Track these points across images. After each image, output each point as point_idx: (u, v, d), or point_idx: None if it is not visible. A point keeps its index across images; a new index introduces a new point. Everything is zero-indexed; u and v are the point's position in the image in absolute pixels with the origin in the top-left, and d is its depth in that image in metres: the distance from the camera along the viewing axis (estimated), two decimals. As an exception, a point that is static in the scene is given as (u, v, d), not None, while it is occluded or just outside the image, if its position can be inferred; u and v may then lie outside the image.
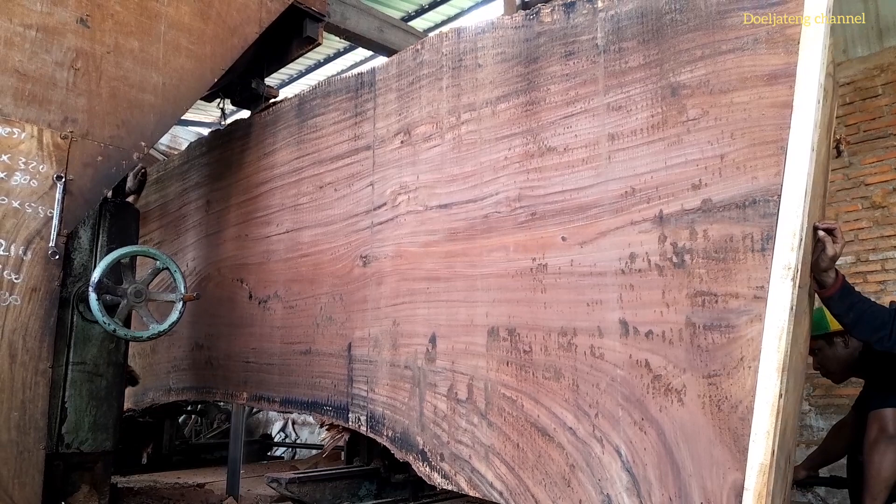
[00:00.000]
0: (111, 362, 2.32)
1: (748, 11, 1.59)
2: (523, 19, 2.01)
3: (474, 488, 1.91)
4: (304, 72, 10.26)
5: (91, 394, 2.25)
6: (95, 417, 2.25)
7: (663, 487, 1.57)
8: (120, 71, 2.22)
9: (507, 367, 1.90)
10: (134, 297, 2.25)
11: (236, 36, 2.50)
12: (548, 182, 1.89)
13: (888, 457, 2.03)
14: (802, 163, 1.49)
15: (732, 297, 1.54)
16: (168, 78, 2.31)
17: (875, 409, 2.11)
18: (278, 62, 3.12)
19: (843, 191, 6.02)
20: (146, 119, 2.25)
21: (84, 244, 2.32)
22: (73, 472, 2.24)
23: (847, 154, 6.06)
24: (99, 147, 2.16)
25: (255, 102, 3.12)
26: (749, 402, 1.48)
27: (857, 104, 6.02)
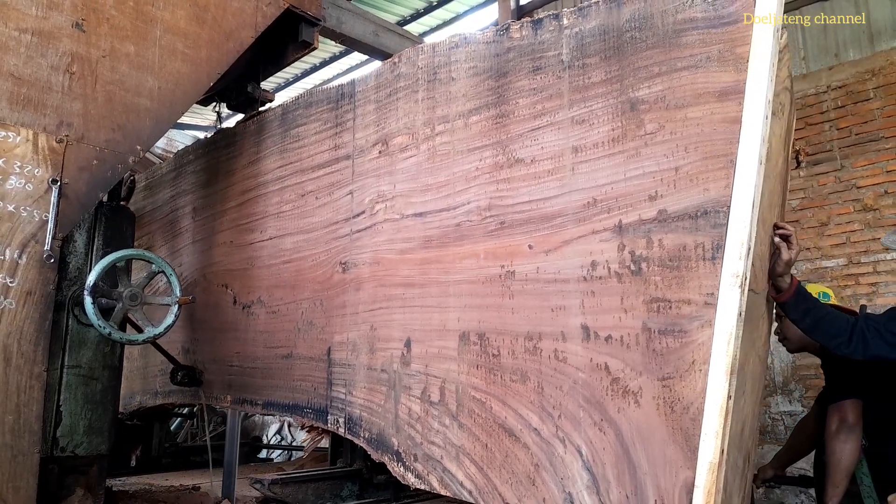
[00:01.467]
0: (106, 365, 2.35)
1: (702, 30, 1.69)
2: (494, 35, 2.11)
3: (445, 487, 2.01)
4: (301, 75, 10.40)
5: (86, 397, 2.28)
6: (90, 421, 2.27)
7: (620, 485, 1.67)
8: (115, 75, 2.25)
9: (477, 371, 1.99)
10: (129, 301, 2.30)
11: (232, 40, 2.55)
12: (516, 192, 1.99)
13: (848, 446, 2.14)
14: (750, 176, 1.59)
15: (685, 304, 1.64)
16: (163, 82, 2.35)
17: (835, 402, 2.22)
18: (274, 66, 3.19)
19: (834, 193, 6.13)
20: (142, 123, 2.29)
21: (79, 248, 2.36)
22: (68, 476, 2.26)
23: (839, 157, 6.17)
24: (94, 151, 2.18)
25: (251, 106, 3.19)
26: (700, 404, 1.58)
27: (848, 107, 6.13)
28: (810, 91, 6.33)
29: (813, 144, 6.29)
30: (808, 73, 6.38)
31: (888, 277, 5.85)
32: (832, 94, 6.26)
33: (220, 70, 2.51)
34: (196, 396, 2.97)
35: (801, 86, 6.37)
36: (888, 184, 5.95)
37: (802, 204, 6.30)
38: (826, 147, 6.25)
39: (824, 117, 6.30)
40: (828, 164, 6.17)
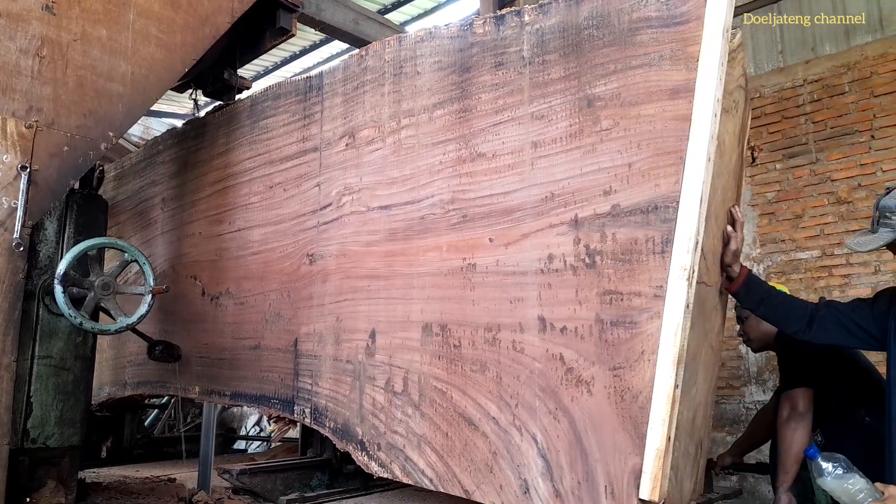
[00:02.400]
0: (78, 356, 2.32)
1: (656, 29, 1.76)
2: (458, 30, 2.16)
3: (407, 476, 2.08)
4: (280, 63, 10.35)
5: (57, 388, 2.25)
6: (62, 412, 2.25)
7: (573, 472, 1.75)
8: (87, 59, 2.22)
9: (438, 361, 2.06)
10: (101, 290, 2.27)
11: (208, 25, 2.52)
12: (478, 186, 2.04)
13: (799, 433, 2.24)
14: (698, 172, 1.66)
15: (636, 296, 1.71)
16: (137, 67, 2.32)
17: (786, 390, 2.32)
18: (251, 53, 3.18)
19: (809, 186, 6.26)
20: (114, 109, 2.26)
21: (50, 236, 2.33)
22: (39, 468, 2.23)
23: (814, 150, 6.29)
24: (65, 137, 2.13)
25: (228, 94, 3.18)
26: (648, 393, 1.65)
27: (824, 101, 6.25)
28: (787, 85, 6.44)
29: (789, 137, 6.42)
30: (785, 67, 6.49)
31: (861, 269, 5.99)
32: (808, 88, 6.38)
33: (195, 56, 2.49)
34: (164, 388, 3.01)
35: (778, 79, 6.48)
36: (861, 177, 6.08)
37: (778, 196, 6.43)
38: (802, 140, 6.37)
39: (800, 111, 6.42)
40: (803, 157, 6.29)
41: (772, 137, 6.51)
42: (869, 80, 5.99)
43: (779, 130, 6.49)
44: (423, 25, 8.93)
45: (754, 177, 6.56)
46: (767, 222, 6.42)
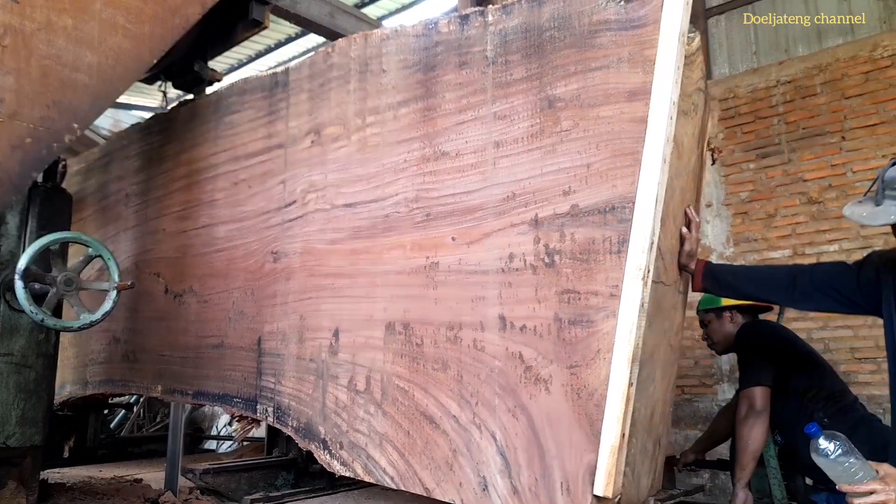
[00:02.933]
0: (41, 353, 2.29)
1: (614, 32, 1.80)
2: (423, 28, 2.18)
3: (369, 474, 2.10)
4: (255, 56, 10.27)
5: (19, 386, 2.22)
6: (24, 411, 2.22)
7: (531, 469, 1.79)
8: (52, 49, 2.18)
9: (401, 360, 2.09)
10: (64, 286, 2.23)
11: (177, 16, 2.49)
12: (441, 185, 2.07)
13: (756, 430, 2.31)
14: (654, 174, 1.71)
15: (593, 295, 1.75)
16: (103, 57, 2.29)
17: (744, 388, 2.39)
18: (223, 45, 3.16)
19: (781, 186, 6.40)
20: (79, 100, 2.23)
21: (11, 230, 2.30)
22: (0, 468, 2.24)
23: (786, 151, 6.43)
24: (28, 128, 2.10)
25: (199, 86, 3.16)
26: (603, 391, 1.70)
27: (796, 102, 6.39)
28: (760, 85, 6.57)
29: (762, 138, 6.55)
30: (759, 68, 6.62)
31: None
32: (781, 89, 6.51)
33: (164, 47, 2.46)
34: (127, 386, 2.99)
35: (752, 80, 6.61)
36: (832, 177, 6.22)
37: (751, 196, 6.56)
38: (775, 140, 6.51)
39: (773, 111, 6.55)
40: (776, 157, 6.42)
41: (746, 137, 6.64)
42: (840, 82, 6.13)
43: (752, 130, 6.63)
44: (401, 20, 8.93)
45: (728, 176, 6.69)
46: (741, 221, 6.55)
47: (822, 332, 5.96)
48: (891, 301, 1.84)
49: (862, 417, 2.40)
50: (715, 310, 2.69)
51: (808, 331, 5.96)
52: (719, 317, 2.69)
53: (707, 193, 6.78)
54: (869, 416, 2.44)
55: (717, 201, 6.69)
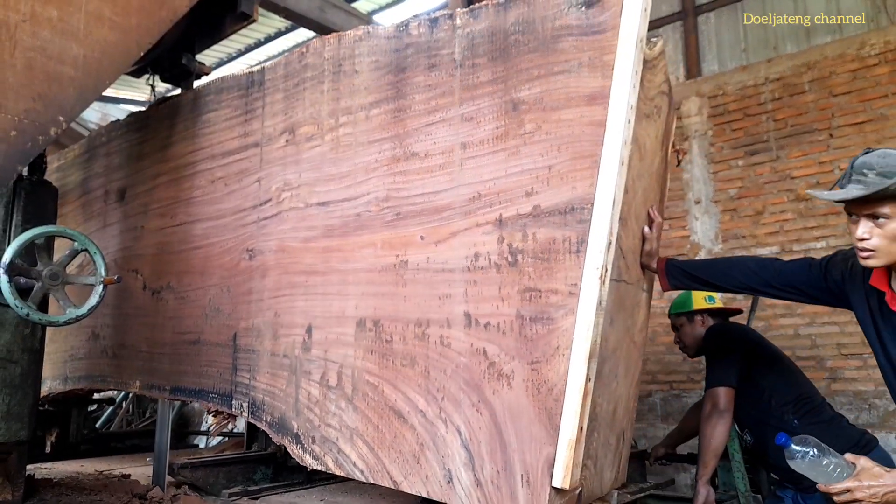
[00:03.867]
0: (26, 348, 2.30)
1: (576, 37, 1.88)
2: (394, 30, 2.25)
3: (340, 468, 2.19)
4: (244, 50, 10.31)
5: (4, 381, 2.24)
6: (9, 406, 2.23)
7: (493, 462, 1.87)
8: (37, 41, 2.15)
9: (371, 356, 2.17)
10: (49, 280, 2.23)
11: (165, 8, 2.50)
12: (411, 185, 2.15)
13: (718, 429, 2.41)
14: (612, 176, 1.79)
15: (553, 293, 1.83)
16: (89, 50, 2.28)
17: (710, 388, 2.49)
18: (211, 38, 3.19)
19: (770, 183, 6.51)
20: (65, 93, 2.21)
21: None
22: None
23: (774, 148, 6.53)
24: (12, 121, 2.10)
25: (186, 79, 3.20)
26: (562, 386, 1.78)
27: (784, 100, 6.48)
28: (749, 82, 6.66)
29: (751, 135, 6.64)
30: (748, 65, 6.71)
31: (819, 265, 6.21)
32: (770, 87, 6.60)
33: (151, 39, 2.46)
34: (105, 382, 3.06)
35: (741, 77, 6.70)
36: (820, 175, 6.32)
37: (740, 193, 6.66)
38: (763, 138, 6.60)
39: (762, 108, 6.64)
40: (764, 154, 6.52)
41: (735, 134, 6.74)
42: (828, 80, 6.23)
43: (741, 128, 6.72)
44: (392, 15, 8.98)
45: (717, 173, 6.78)
46: (730, 218, 6.65)
47: (809, 328, 6.07)
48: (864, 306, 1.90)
49: (831, 418, 2.50)
50: (686, 313, 2.79)
51: (795, 327, 6.07)
52: (691, 320, 2.78)
53: (696, 190, 6.89)
54: (838, 416, 2.54)
55: (706, 198, 6.79)
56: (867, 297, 1.88)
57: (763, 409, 2.53)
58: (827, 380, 5.89)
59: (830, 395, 5.54)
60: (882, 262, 1.72)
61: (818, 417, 2.47)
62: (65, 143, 3.97)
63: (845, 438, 2.34)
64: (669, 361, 6.78)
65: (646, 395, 6.98)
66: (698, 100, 6.99)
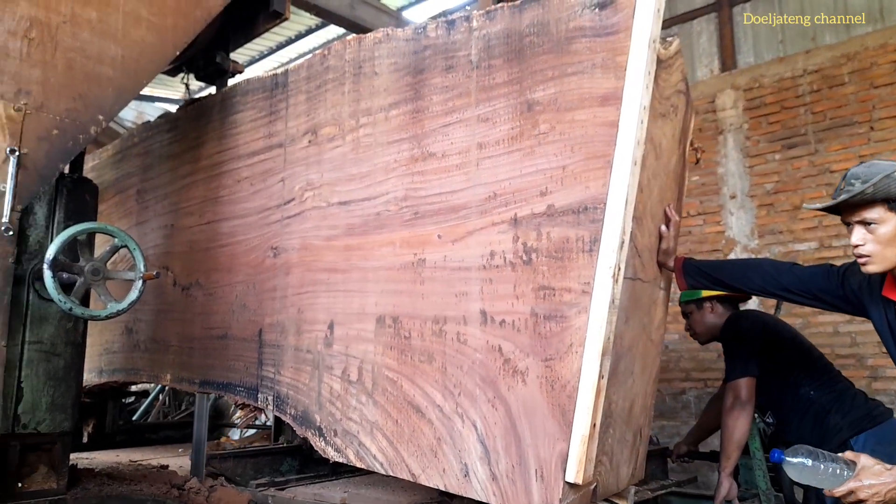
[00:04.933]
0: (69, 342, 2.38)
1: (589, 39, 1.93)
2: (413, 33, 2.33)
3: (360, 460, 2.28)
4: (275, 48, 10.53)
5: (48, 374, 2.31)
6: (53, 398, 2.31)
7: (508, 456, 1.94)
8: (77, 42, 2.23)
9: (390, 352, 2.25)
10: (91, 275, 2.28)
11: (199, 8, 2.56)
12: (428, 184, 2.22)
13: (741, 421, 2.44)
14: (624, 176, 1.84)
15: (566, 292, 1.89)
16: (127, 50, 2.34)
17: (730, 380, 2.52)
18: (244, 36, 3.28)
19: (808, 178, 6.42)
20: (104, 92, 2.28)
21: (40, 220, 2.36)
22: (31, 454, 2.30)
23: (813, 141, 6.43)
24: (54, 120, 2.18)
25: (221, 77, 3.29)
26: (575, 383, 1.84)
27: (823, 92, 6.39)
28: (787, 74, 6.57)
29: (788, 128, 6.55)
30: (786, 57, 6.61)
31: (858, 261, 6.13)
32: (808, 78, 6.50)
33: (186, 39, 2.52)
34: (137, 374, 3.22)
35: (778, 69, 6.61)
36: (860, 169, 6.19)
37: (777, 188, 6.58)
38: (801, 131, 6.51)
39: (800, 101, 6.55)
40: (802, 147, 6.43)
41: (771, 128, 6.66)
42: (869, 71, 6.11)
43: (778, 121, 6.64)
44: (421, 11, 9.05)
45: (753, 167, 6.72)
46: (766, 213, 6.58)
47: (848, 325, 5.99)
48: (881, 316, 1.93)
49: (846, 388, 2.54)
50: (695, 301, 2.83)
51: (834, 324, 5.99)
52: (700, 308, 2.83)
53: (731, 185, 6.82)
54: (854, 388, 2.57)
55: (742, 192, 6.73)
56: (884, 308, 1.92)
57: (781, 387, 2.58)
58: (868, 378, 5.81)
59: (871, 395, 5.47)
60: (880, 267, 1.78)
61: (833, 387, 2.53)
62: (102, 142, 4.12)
63: (858, 407, 2.42)
64: (704, 359, 6.74)
65: (680, 392, 6.95)
66: (733, 93, 6.92)
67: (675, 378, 6.99)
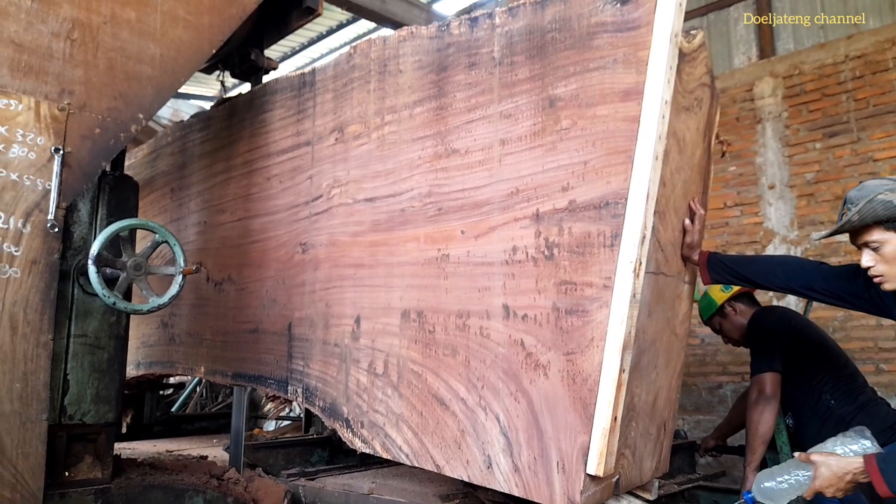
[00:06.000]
0: (112, 335, 2.47)
1: (611, 34, 1.95)
2: (436, 30, 2.38)
3: (387, 451, 2.36)
4: (307, 44, 10.70)
5: (93, 366, 2.40)
6: (98, 389, 2.40)
7: (530, 448, 1.99)
8: (117, 42, 2.31)
9: (415, 345, 2.32)
10: (133, 270, 2.37)
11: (234, 6, 2.60)
12: (452, 181, 2.28)
13: (765, 416, 2.45)
14: (645, 171, 1.87)
15: (588, 286, 1.93)
16: (165, 49, 2.41)
17: (755, 374, 2.52)
18: (278, 33, 3.35)
19: (850, 167, 6.30)
20: (144, 91, 2.36)
21: (83, 217, 2.45)
22: (77, 444, 2.39)
23: (855, 129, 6.30)
24: (96, 119, 2.25)
25: (255, 74, 3.38)
26: (597, 376, 1.88)
27: (867, 78, 6.25)
28: (828, 61, 6.44)
29: (829, 116, 6.43)
30: (827, 43, 6.48)
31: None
32: (850, 64, 6.36)
33: (222, 37, 2.58)
34: (173, 367, 3.36)
35: (819, 55, 6.48)
36: (905, 156, 6.07)
37: (818, 177, 6.46)
38: (843, 119, 6.38)
39: (842, 88, 6.41)
40: (844, 136, 6.30)
41: (812, 116, 6.53)
42: (914, 56, 5.95)
43: (819, 109, 6.51)
44: (453, 4, 9.07)
45: (793, 157, 6.60)
46: (806, 204, 6.46)
47: None
48: None
49: (869, 399, 2.51)
50: (717, 313, 2.83)
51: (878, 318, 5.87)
52: (724, 316, 2.83)
53: (770, 175, 6.72)
54: (877, 398, 2.54)
55: (781, 182, 6.62)
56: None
57: (803, 391, 2.57)
58: (911, 371, 5.70)
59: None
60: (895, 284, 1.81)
61: (855, 399, 2.51)
62: (141, 140, 4.26)
63: (880, 419, 2.39)
64: (741, 353, 6.65)
65: (717, 386, 6.89)
66: (772, 80, 6.80)
67: (711, 372, 6.93)
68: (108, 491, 2.39)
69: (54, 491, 2.24)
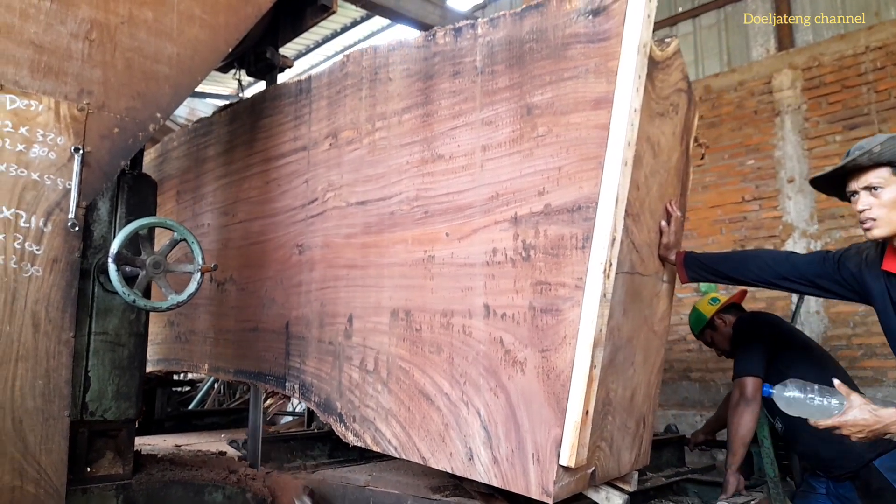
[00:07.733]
0: (132, 332, 2.55)
1: (584, 45, 2.10)
2: (423, 40, 2.55)
3: (377, 444, 2.54)
4: (321, 42, 10.93)
5: (113, 363, 2.49)
6: (118, 386, 2.48)
7: (508, 441, 2.16)
8: (134, 42, 2.38)
9: (403, 343, 2.49)
10: (153, 268, 2.45)
11: (250, 5, 2.69)
12: (437, 185, 2.45)
13: (745, 418, 2.57)
14: (615, 176, 2.01)
15: (561, 286, 2.08)
16: (182, 48, 2.49)
17: (736, 377, 2.65)
18: (293, 31, 3.48)
19: (871, 160, 6.30)
20: (161, 90, 2.44)
21: (103, 216, 2.54)
22: (98, 440, 2.48)
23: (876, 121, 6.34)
24: (115, 119, 2.33)
25: (270, 72, 3.52)
26: (569, 372, 2.04)
27: (888, 69, 6.29)
28: (848, 52, 6.47)
29: (850, 108, 6.47)
30: (847, 34, 6.51)
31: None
32: (871, 56, 6.39)
33: (238, 36, 2.66)
34: (179, 364, 3.57)
35: (839, 47, 6.51)
36: (929, 150, 6.08)
37: (838, 172, 6.49)
38: (863, 111, 6.42)
39: (862, 79, 6.45)
40: (865, 128, 6.34)
41: (831, 108, 6.58)
42: (937, 46, 5.97)
43: (839, 101, 6.56)
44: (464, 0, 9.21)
45: (812, 150, 6.65)
46: (826, 197, 6.49)
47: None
48: (882, 293, 2.05)
49: None
50: (707, 326, 2.95)
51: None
52: (714, 329, 2.95)
53: (789, 168, 6.77)
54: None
55: (800, 176, 6.67)
56: (885, 283, 2.01)
57: None
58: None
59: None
60: (885, 230, 1.87)
61: None
62: (158, 139, 4.43)
63: None
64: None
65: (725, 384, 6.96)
66: (791, 72, 6.84)
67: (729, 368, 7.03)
68: (129, 486, 2.49)
69: (76, 487, 2.34)
